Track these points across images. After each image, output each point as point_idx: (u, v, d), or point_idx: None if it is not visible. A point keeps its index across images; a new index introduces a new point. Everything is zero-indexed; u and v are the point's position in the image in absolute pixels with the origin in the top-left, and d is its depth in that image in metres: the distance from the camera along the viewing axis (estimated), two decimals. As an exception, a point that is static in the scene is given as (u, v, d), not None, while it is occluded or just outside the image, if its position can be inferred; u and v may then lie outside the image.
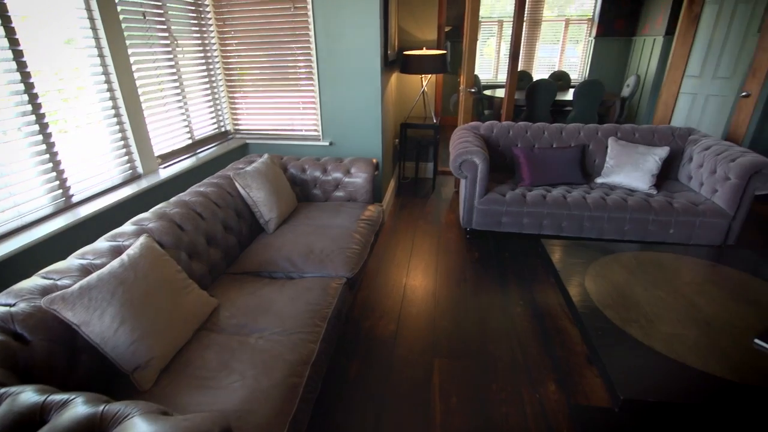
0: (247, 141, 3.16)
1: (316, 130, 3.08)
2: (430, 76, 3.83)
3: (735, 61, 4.20)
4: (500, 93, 5.39)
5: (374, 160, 2.55)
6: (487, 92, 5.64)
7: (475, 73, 7.14)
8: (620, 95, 5.45)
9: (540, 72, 7.17)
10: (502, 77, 7.22)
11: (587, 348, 1.65)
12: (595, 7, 6.71)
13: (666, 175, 2.98)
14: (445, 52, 3.59)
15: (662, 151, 2.71)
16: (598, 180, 2.90)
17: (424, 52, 3.43)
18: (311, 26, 2.74)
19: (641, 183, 2.70)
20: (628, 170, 2.75)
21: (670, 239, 2.56)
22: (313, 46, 2.80)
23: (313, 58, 2.83)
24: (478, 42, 7.54)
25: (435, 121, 3.75)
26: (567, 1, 6.83)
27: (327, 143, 3.07)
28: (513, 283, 2.46)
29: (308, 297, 1.62)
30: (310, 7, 2.69)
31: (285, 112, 3.04)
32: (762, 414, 1.22)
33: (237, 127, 3.16)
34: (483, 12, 6.95)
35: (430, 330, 2.07)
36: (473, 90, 3.57)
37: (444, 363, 1.87)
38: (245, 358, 1.30)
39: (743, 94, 3.26)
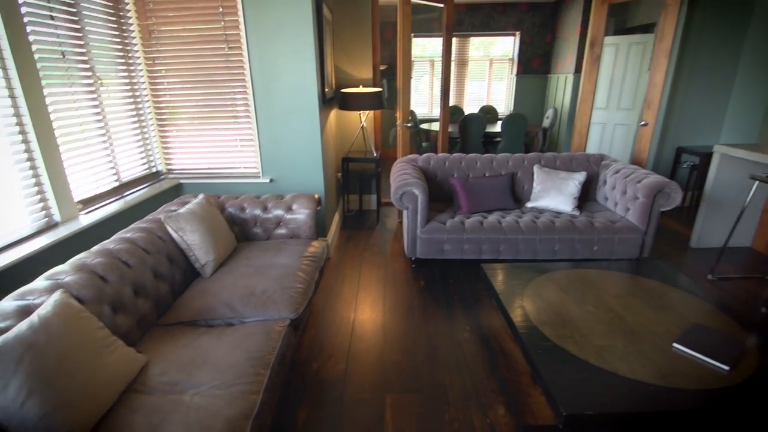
0: (181, 181, 3.03)
1: (255, 168, 3.03)
2: (368, 111, 3.96)
3: (634, 94, 4.80)
4: (436, 126, 5.68)
5: (316, 196, 2.55)
6: (424, 126, 5.93)
7: (411, 108, 7.49)
8: (542, 126, 5.98)
9: (471, 106, 7.69)
10: (438, 111, 7.64)
11: (530, 367, 1.71)
12: (514, 48, 7.42)
13: (586, 197, 3.28)
14: (381, 89, 3.75)
15: (580, 176, 2.98)
16: (528, 204, 3.11)
17: (361, 89, 3.56)
18: (247, 65, 2.75)
19: (566, 206, 2.94)
20: (554, 194, 2.98)
21: (594, 256, 2.79)
22: (249, 84, 2.80)
23: (250, 96, 2.83)
24: (412, 79, 7.90)
25: (375, 154, 3.85)
26: (490, 44, 7.48)
27: (267, 180, 3.02)
28: (459, 309, 2.51)
29: (249, 344, 1.53)
30: (244, 47, 2.71)
31: (222, 149, 2.97)
32: (686, 413, 1.32)
33: (169, 167, 3.02)
34: (416, 52, 7.40)
35: (380, 365, 2.04)
36: (410, 125, 3.74)
37: (396, 398, 1.84)
38: (178, 420, 1.19)
39: (642, 123, 3.72)
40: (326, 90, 3.19)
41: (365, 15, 3.82)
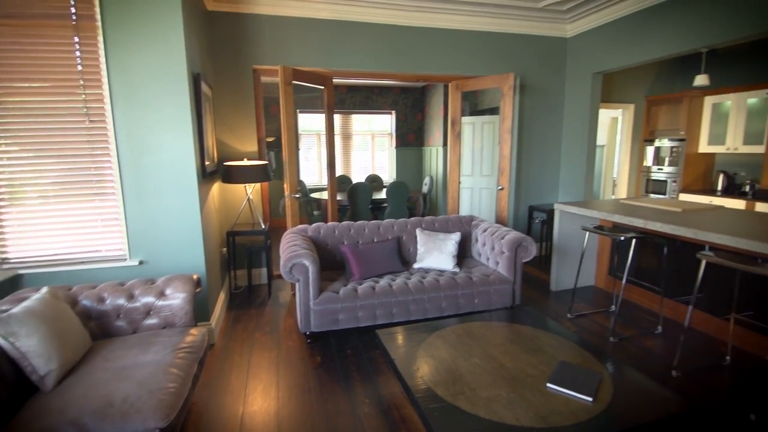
0: (21, 271, 2.51)
1: (121, 250, 2.68)
2: (254, 183, 3.90)
3: (491, 163, 5.64)
4: (326, 195, 5.82)
5: (195, 276, 2.33)
6: (315, 195, 6.03)
7: (301, 178, 7.60)
8: (422, 192, 6.57)
9: (358, 175, 8.13)
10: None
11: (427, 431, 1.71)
12: (391, 124, 8.25)
13: (463, 254, 3.62)
14: (266, 162, 3.76)
15: (456, 236, 3.30)
16: (415, 265, 3.30)
17: (246, 162, 3.52)
18: (112, 139, 2.54)
19: (447, 264, 3.19)
20: (436, 254, 3.23)
21: (476, 308, 3.03)
22: (115, 158, 2.56)
23: (116, 171, 2.57)
24: (301, 151, 8.10)
25: (264, 226, 3.74)
26: (371, 120, 8.20)
27: (136, 263, 2.68)
28: (358, 381, 2.43)
29: (103, 470, 1.25)
30: (110, 120, 2.51)
31: (79, 231, 2.58)
32: (562, 451, 1.44)
33: (5, 256, 2.49)
34: (304, 125, 7.70)
35: (275, 462, 1.82)
36: (298, 195, 3.77)
37: (294, 499, 1.64)
38: None
39: (499, 188, 4.36)
40: (207, 164, 3.08)
41: (248, 92, 3.90)
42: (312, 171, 7.87)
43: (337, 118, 7.90)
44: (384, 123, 8.26)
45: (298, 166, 7.49)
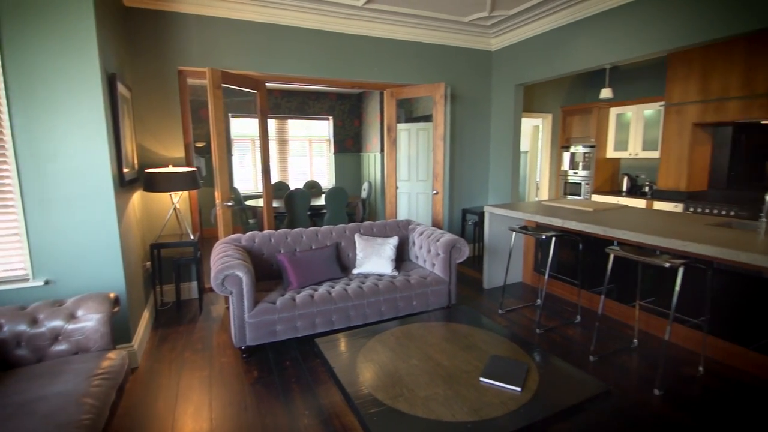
0: None
1: (22, 269, 2.38)
2: (181, 192, 3.66)
3: (426, 168, 5.82)
4: (262, 203, 5.62)
5: (112, 295, 2.13)
6: (250, 202, 5.80)
7: (235, 185, 7.28)
8: (361, 197, 6.61)
9: (296, 182, 7.98)
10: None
11: (370, 437, 1.71)
12: (329, 130, 8.21)
13: (401, 257, 3.69)
14: (195, 168, 3.55)
15: (394, 240, 3.37)
16: (355, 271, 3.30)
17: (171, 169, 3.30)
18: (10, 145, 2.25)
19: (386, 268, 3.24)
20: (374, 259, 3.26)
21: (415, 310, 3.10)
22: (13, 167, 2.27)
23: (14, 181, 2.28)
24: (235, 156, 7.76)
25: (193, 237, 3.52)
26: (308, 125, 8.10)
27: (41, 283, 2.39)
28: (297, 393, 2.37)
29: None
30: (6, 125, 2.22)
31: (-38, 252, 2.24)
32: (495, 441, 1.51)
33: None
34: (238, 130, 7.39)
35: (208, 487, 1.72)
36: (230, 203, 3.61)
37: None
38: None
39: (434, 192, 4.51)
40: (125, 171, 2.84)
41: (172, 94, 3.67)
42: (247, 178, 7.58)
43: (273, 123, 7.70)
44: (321, 129, 8.20)
45: (231, 172, 7.19)
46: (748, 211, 4.00)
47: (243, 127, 7.45)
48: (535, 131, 6.71)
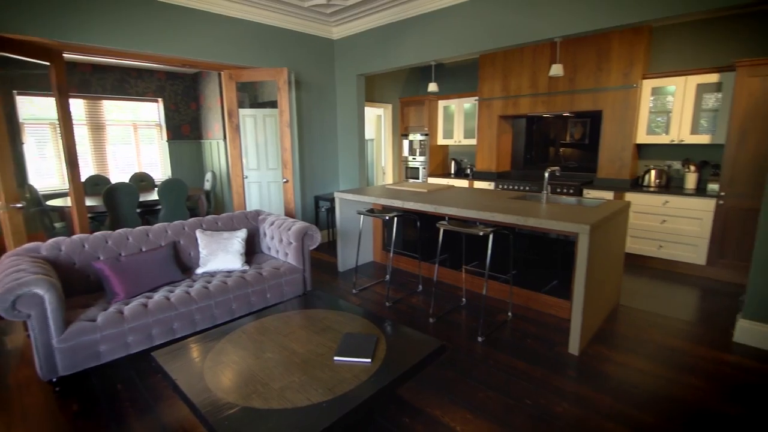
0: None
1: None
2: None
3: (276, 156, 5.64)
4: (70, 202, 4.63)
5: None
6: (55, 202, 4.70)
7: (31, 182, 5.78)
8: (204, 189, 6.02)
9: (121, 174, 6.78)
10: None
11: (223, 442, 1.63)
12: (159, 114, 7.17)
13: (253, 250, 3.53)
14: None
15: (242, 233, 3.19)
16: (198, 271, 3.02)
17: None
18: None
19: (235, 264, 3.06)
20: (221, 255, 3.04)
21: (269, 303, 3.02)
22: None
23: None
24: (29, 145, 6.15)
25: (-39, 252, 2.68)
26: (133, 109, 6.90)
27: None
28: (134, 418, 2.08)
29: None
30: None
31: None
32: (355, 410, 1.61)
33: None
34: (32, 111, 5.81)
35: None
36: (20, 205, 2.86)
37: None
38: None
39: (284, 180, 4.42)
40: None
41: None
42: (50, 172, 6.10)
43: (82, 105, 6.33)
44: (150, 112, 7.11)
45: (22, 166, 5.65)
46: (539, 185, 5.08)
47: (40, 109, 5.92)
48: (378, 120, 7.14)
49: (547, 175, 3.33)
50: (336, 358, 1.95)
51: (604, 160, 4.62)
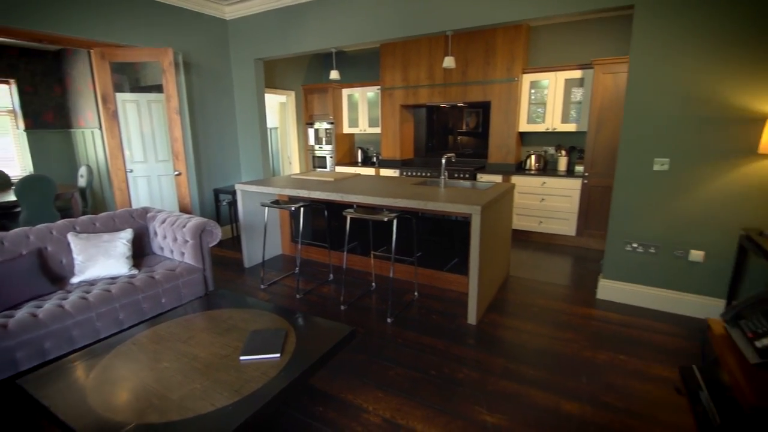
0: None
1: None
2: None
3: (167, 147, 5.12)
4: None
5: None
6: None
7: None
8: (78, 186, 5.24)
9: (-42, 171, 5.54)
10: None
11: (114, 466, 1.47)
12: (12, 99, 5.99)
13: (142, 252, 3.19)
14: None
15: (127, 234, 2.86)
16: (74, 280, 2.64)
17: None
18: None
19: (120, 269, 2.73)
20: (102, 261, 2.69)
21: (166, 308, 2.77)
22: None
23: None
24: None
25: None
26: (-35, 89, 5.64)
27: None
28: (-2, 456, 1.77)
29: None
30: None
31: None
32: (260, 411, 1.57)
33: None
34: None
35: None
36: None
37: None
38: None
39: (176, 173, 4.05)
40: None
41: None
42: None
43: None
44: (1, 96, 5.89)
45: None
46: (440, 171, 5.39)
47: None
48: (282, 107, 6.87)
49: (444, 161, 3.55)
50: (242, 357, 1.88)
51: (493, 147, 5.08)
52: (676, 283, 2.99)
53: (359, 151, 6.52)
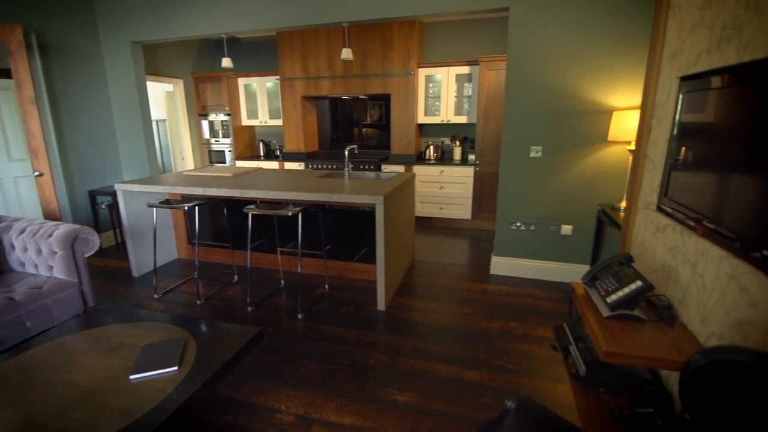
0: None
1: None
2: None
3: (22, 143, 4.31)
4: None
5: None
6: None
7: None
8: None
9: None
10: None
11: None
12: None
13: (-4, 270, 2.68)
14: None
15: (-30, 250, 2.36)
16: None
17: None
18: None
19: (-37, 292, 2.25)
20: (-65, 285, 2.19)
21: (33, 332, 2.37)
22: None
23: None
24: None
25: None
26: None
27: None
28: None
29: None
30: None
31: None
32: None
33: None
34: None
35: None
36: None
37: None
38: None
39: (36, 173, 3.44)
40: None
41: None
42: None
43: None
44: None
45: None
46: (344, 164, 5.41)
47: None
48: (170, 97, 6.24)
49: (347, 153, 3.57)
50: (132, 376, 1.70)
51: (395, 138, 5.26)
52: (553, 254, 3.45)
53: (261, 144, 6.23)
